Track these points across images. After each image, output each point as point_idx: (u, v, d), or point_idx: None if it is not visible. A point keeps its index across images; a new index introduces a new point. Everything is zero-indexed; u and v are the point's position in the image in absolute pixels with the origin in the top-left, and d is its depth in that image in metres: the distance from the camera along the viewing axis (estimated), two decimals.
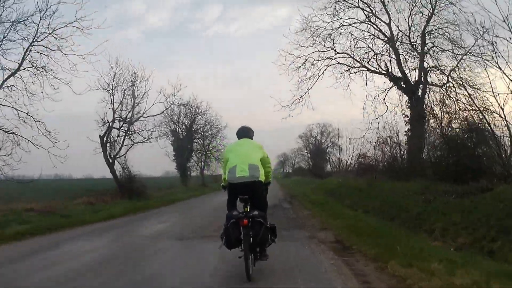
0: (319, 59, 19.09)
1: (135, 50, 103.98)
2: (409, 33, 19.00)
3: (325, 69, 19.39)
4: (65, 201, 15.93)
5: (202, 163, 40.93)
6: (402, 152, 19.32)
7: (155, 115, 21.50)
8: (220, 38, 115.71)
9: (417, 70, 19.40)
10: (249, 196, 4.72)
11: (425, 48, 19.21)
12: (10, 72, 14.24)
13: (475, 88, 15.67)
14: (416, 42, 19.04)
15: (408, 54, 19.40)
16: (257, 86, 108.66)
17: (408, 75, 19.02)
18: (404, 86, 19.38)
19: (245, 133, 5.31)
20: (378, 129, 19.75)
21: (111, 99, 20.46)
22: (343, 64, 19.25)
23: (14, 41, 14.13)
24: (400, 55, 18.96)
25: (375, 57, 19.33)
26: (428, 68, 19.37)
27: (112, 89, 20.57)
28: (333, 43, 19.43)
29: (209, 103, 41.34)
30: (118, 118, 20.51)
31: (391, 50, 19.21)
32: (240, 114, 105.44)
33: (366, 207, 11.53)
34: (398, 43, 19.04)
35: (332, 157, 40.66)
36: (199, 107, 37.26)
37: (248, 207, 4.72)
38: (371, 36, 19.14)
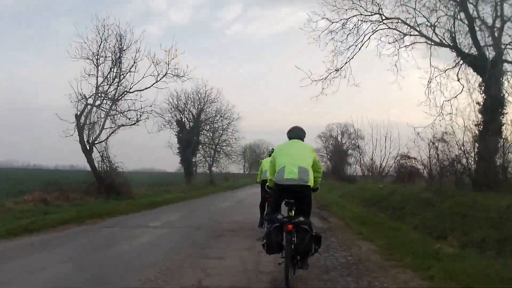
0: (364, 21, 14.30)
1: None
2: None
3: (371, 35, 14.58)
4: (9, 196, 11.71)
5: (211, 159, 36.48)
6: (469, 153, 14.39)
7: (143, 90, 16.87)
8: (240, 38, 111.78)
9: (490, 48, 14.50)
10: (295, 200, 4.42)
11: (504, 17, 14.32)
12: None
13: None
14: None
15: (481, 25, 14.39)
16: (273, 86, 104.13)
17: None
18: (475, 65, 14.39)
19: (296, 133, 5.02)
20: (443, 116, 14.68)
21: (95, 72, 16.25)
22: (393, 29, 14.39)
23: None
24: (475, 23, 13.93)
25: (435, 25, 14.37)
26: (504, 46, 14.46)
27: (97, 59, 16.34)
28: (379, 7, 14.61)
29: (220, 90, 36.45)
30: (100, 94, 16.19)
31: (459, 15, 14.23)
32: (257, 113, 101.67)
33: (466, 236, 6.70)
34: (471, 8, 14.00)
35: (357, 158, 35.47)
36: (209, 95, 32.90)
37: (293, 212, 4.38)
38: None
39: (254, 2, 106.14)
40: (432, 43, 14.35)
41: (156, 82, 17.22)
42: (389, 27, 14.45)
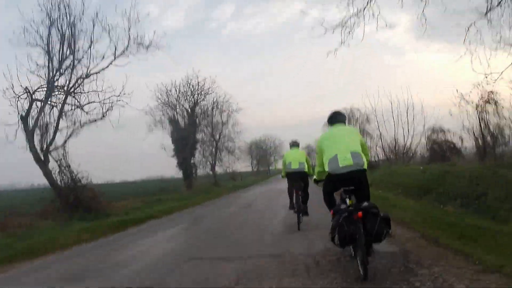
0: None
1: None
2: None
3: None
4: None
5: (213, 157, 32.74)
6: None
7: (99, 72, 12.94)
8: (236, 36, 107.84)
9: None
10: (354, 187, 4.22)
11: None
12: None
13: None
14: None
15: None
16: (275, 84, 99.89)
17: None
18: None
19: (339, 118, 4.65)
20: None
21: (46, 61, 12.51)
22: None
23: None
24: None
25: None
26: None
27: (47, 44, 12.61)
28: None
29: (214, 79, 32.62)
30: (50, 87, 12.43)
31: None
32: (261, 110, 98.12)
33: None
34: None
35: (375, 141, 31.07)
36: (202, 86, 29.12)
37: (353, 199, 4.22)
38: None
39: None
40: None
41: (114, 58, 13.41)
42: None
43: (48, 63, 12.53)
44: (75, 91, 12.74)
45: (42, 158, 12.27)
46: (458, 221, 6.39)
